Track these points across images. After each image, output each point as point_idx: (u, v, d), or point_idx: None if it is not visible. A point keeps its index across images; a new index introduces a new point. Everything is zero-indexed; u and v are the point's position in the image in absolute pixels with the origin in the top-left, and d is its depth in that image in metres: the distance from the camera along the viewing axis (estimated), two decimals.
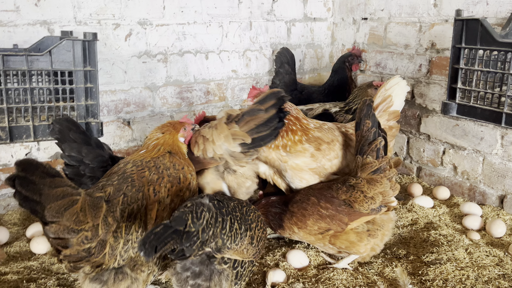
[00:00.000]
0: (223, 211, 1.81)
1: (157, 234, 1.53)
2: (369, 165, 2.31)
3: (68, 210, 1.62)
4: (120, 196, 1.88)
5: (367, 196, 2.27)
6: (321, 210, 2.31)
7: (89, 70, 2.55)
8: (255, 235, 1.94)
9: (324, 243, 2.38)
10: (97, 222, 1.73)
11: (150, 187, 1.98)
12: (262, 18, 4.01)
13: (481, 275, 2.31)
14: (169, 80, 3.68)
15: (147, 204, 1.93)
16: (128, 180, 1.97)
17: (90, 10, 3.22)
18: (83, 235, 1.69)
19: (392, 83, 2.66)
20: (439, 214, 3.08)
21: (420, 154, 3.67)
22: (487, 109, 2.47)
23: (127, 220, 1.85)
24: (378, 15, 3.89)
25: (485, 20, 2.40)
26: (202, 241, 1.67)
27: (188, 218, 1.63)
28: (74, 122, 2.34)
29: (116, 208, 1.84)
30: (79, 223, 1.66)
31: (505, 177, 3.03)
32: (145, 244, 1.50)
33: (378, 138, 2.32)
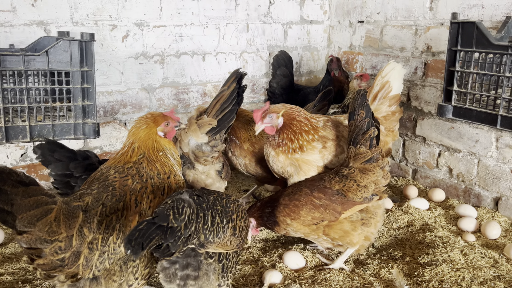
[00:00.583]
0: (203, 206, 1.81)
1: (142, 231, 1.52)
2: (362, 155, 2.33)
3: (41, 220, 1.56)
4: (99, 206, 1.81)
5: (360, 185, 2.30)
6: (314, 200, 2.32)
7: (86, 70, 2.55)
8: (237, 226, 1.94)
9: (318, 235, 2.39)
10: (72, 233, 1.67)
11: (132, 197, 1.90)
12: (259, 20, 4.02)
13: (476, 276, 2.32)
14: (166, 81, 3.68)
15: (127, 215, 1.86)
16: (109, 188, 1.89)
17: (87, 10, 3.21)
18: (56, 246, 1.63)
19: (388, 69, 2.68)
20: (434, 216, 3.09)
21: (415, 156, 3.69)
22: (483, 111, 2.49)
23: (105, 232, 1.78)
24: (374, 18, 3.92)
25: (481, 23, 2.43)
26: (186, 237, 1.67)
27: (170, 213, 1.62)
28: (56, 143, 2.35)
29: (94, 219, 1.77)
30: (52, 234, 1.60)
31: (500, 179, 3.05)
32: (131, 242, 1.49)
33: (371, 128, 2.34)
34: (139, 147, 2.09)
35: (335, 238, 2.39)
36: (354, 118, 2.36)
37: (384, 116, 2.76)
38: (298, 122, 2.46)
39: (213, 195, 1.96)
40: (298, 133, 2.45)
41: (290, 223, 2.39)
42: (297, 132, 2.45)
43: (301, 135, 2.45)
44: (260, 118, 2.41)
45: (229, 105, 2.45)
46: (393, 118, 2.78)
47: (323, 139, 2.52)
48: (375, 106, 2.74)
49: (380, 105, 2.74)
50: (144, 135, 2.12)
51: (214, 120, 2.42)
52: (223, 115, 2.45)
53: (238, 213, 1.98)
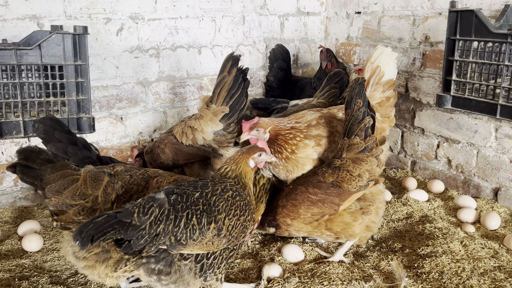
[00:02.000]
0: (178, 207, 1.75)
1: (97, 224, 1.53)
2: (355, 146, 2.32)
3: (68, 189, 1.83)
4: (126, 175, 2.02)
5: (353, 174, 2.29)
6: (311, 196, 2.31)
7: (79, 64, 2.51)
8: (225, 226, 1.85)
9: (321, 231, 2.38)
10: (97, 194, 1.90)
11: (155, 179, 2.08)
12: (255, 12, 3.98)
13: (476, 267, 2.31)
14: (162, 75, 3.64)
15: (149, 189, 2.02)
16: (140, 170, 2.10)
17: (80, 4, 3.17)
18: (80, 207, 1.86)
19: (376, 54, 2.63)
20: (434, 207, 3.08)
21: (414, 148, 3.67)
22: (482, 101, 2.47)
23: (122, 196, 1.96)
24: (372, 8, 3.88)
25: (480, 11, 2.39)
26: (151, 237, 1.65)
27: (135, 211, 1.64)
28: (59, 121, 2.31)
29: (118, 181, 1.97)
30: (80, 197, 1.86)
31: (499, 169, 3.04)
32: (82, 233, 1.49)
33: (366, 117, 2.32)
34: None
35: (338, 231, 2.38)
36: (351, 107, 2.34)
37: (378, 103, 2.71)
38: (283, 136, 2.48)
39: (203, 190, 1.87)
40: (283, 144, 2.47)
41: (291, 223, 2.38)
42: (282, 144, 2.47)
43: (287, 144, 2.47)
44: (248, 129, 2.47)
45: (237, 90, 2.59)
46: (388, 104, 2.73)
47: (316, 138, 2.50)
48: (368, 93, 2.67)
49: (374, 92, 2.68)
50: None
51: (226, 107, 2.59)
52: (234, 101, 2.60)
53: (228, 212, 1.89)
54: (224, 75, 2.60)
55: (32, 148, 1.79)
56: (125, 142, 3.58)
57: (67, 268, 2.40)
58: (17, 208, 3.15)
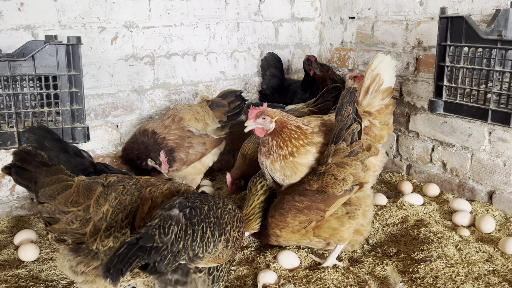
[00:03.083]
0: (194, 221, 1.76)
1: (121, 256, 1.51)
2: (341, 151, 2.34)
3: (61, 194, 1.79)
4: (119, 186, 1.99)
5: (338, 178, 2.30)
6: (297, 204, 2.34)
7: (73, 74, 2.52)
8: (231, 237, 1.90)
9: (309, 238, 2.41)
10: (89, 203, 1.87)
11: (147, 189, 2.07)
12: (250, 19, 4.00)
13: (471, 272, 2.32)
14: (157, 82, 3.65)
15: (142, 200, 2.01)
16: (133, 179, 2.08)
17: (74, 13, 3.18)
18: (73, 215, 1.83)
19: (376, 62, 2.64)
20: (429, 211, 3.09)
21: (409, 151, 3.69)
22: (474, 106, 2.48)
23: (116, 207, 1.93)
24: (365, 14, 3.90)
25: (470, 17, 2.41)
26: (173, 255, 1.65)
27: (155, 233, 1.62)
28: (48, 130, 2.30)
29: (111, 193, 1.94)
30: (74, 205, 1.82)
31: (494, 173, 3.05)
32: (110, 270, 1.48)
33: (354, 123, 2.35)
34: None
35: (327, 237, 2.39)
36: (341, 114, 2.37)
37: (377, 110, 2.72)
38: (288, 130, 2.45)
39: (208, 204, 1.91)
40: (287, 140, 2.44)
41: (280, 234, 2.41)
42: (286, 139, 2.44)
43: (290, 142, 2.44)
44: (254, 117, 2.42)
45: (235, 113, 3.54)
46: (387, 111, 2.74)
47: (318, 145, 2.49)
48: (368, 100, 2.69)
49: (373, 99, 2.69)
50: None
51: (225, 117, 3.47)
52: (230, 115, 3.51)
53: (232, 224, 1.94)
54: (223, 103, 3.48)
55: (28, 150, 1.76)
56: (121, 149, 3.58)
57: (63, 277, 2.41)
58: (13, 218, 3.16)
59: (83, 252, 1.91)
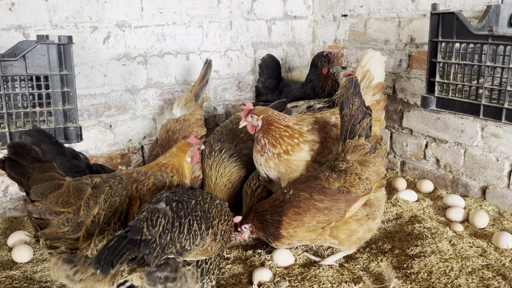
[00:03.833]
0: (180, 214, 1.80)
1: (112, 248, 1.54)
2: (361, 147, 2.25)
3: (53, 193, 1.73)
4: (106, 187, 1.96)
5: (362, 177, 2.22)
6: (317, 204, 2.19)
7: (65, 74, 2.51)
8: (219, 231, 1.92)
9: (324, 238, 2.28)
10: (80, 204, 1.83)
11: (133, 185, 2.06)
12: (242, 17, 3.99)
13: (464, 266, 2.33)
14: (150, 82, 3.64)
15: (130, 200, 2.00)
16: (116, 178, 2.05)
17: (66, 13, 3.17)
18: (64, 218, 1.78)
19: (366, 58, 2.67)
20: (423, 207, 3.10)
21: (403, 148, 3.70)
22: (466, 101, 2.49)
23: (108, 210, 1.91)
24: (358, 11, 3.91)
25: (461, 13, 2.42)
26: (161, 247, 1.68)
27: (143, 226, 1.66)
28: (45, 133, 2.30)
29: (101, 195, 1.91)
30: (64, 205, 1.77)
31: (487, 168, 3.07)
32: (100, 261, 1.50)
33: (366, 116, 2.27)
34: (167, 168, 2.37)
35: (343, 239, 2.29)
36: (349, 108, 2.27)
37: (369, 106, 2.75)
38: (276, 128, 2.47)
39: (196, 199, 1.93)
40: (279, 138, 2.46)
41: (293, 234, 2.24)
42: (277, 137, 2.47)
43: (282, 140, 2.46)
44: (245, 116, 2.53)
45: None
46: (378, 107, 2.76)
47: (310, 143, 2.51)
48: None
49: (364, 96, 2.70)
50: (175, 160, 2.42)
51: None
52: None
53: (220, 217, 1.96)
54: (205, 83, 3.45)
55: (23, 143, 1.71)
56: (114, 149, 3.57)
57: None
58: (7, 219, 3.13)
59: (79, 262, 1.90)
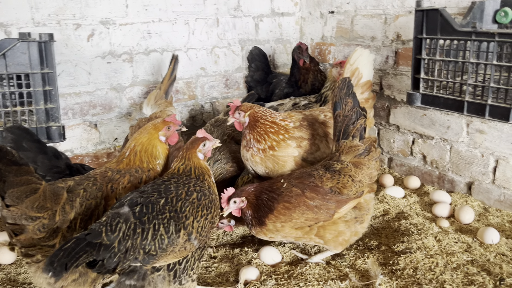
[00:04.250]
0: (144, 219, 1.71)
1: (67, 250, 1.48)
2: (355, 148, 2.24)
3: (29, 198, 1.68)
4: (80, 189, 1.91)
5: (355, 180, 2.21)
6: (308, 201, 2.17)
7: (47, 72, 2.47)
8: (194, 229, 1.83)
9: (310, 237, 2.28)
10: (56, 208, 1.78)
11: (108, 185, 2.01)
12: (229, 14, 3.97)
13: (449, 262, 2.34)
14: (136, 80, 3.60)
15: (106, 201, 1.95)
16: (90, 179, 1.99)
17: (48, 10, 3.11)
18: (40, 223, 1.73)
19: (355, 56, 2.66)
20: (410, 203, 3.11)
21: (390, 145, 3.71)
22: (450, 98, 2.50)
23: (83, 214, 1.87)
24: (345, 8, 3.91)
25: (444, 10, 2.43)
26: (122, 253, 1.62)
27: (102, 230, 1.60)
28: (27, 130, 2.25)
29: (76, 198, 1.87)
30: (40, 210, 1.72)
31: (472, 164, 3.09)
32: (53, 263, 1.44)
33: (361, 117, 2.26)
34: (140, 152, 2.21)
35: (329, 239, 2.29)
36: (341, 108, 2.26)
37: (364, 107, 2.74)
38: (262, 125, 2.48)
39: (167, 196, 1.82)
40: (263, 134, 2.46)
41: (280, 229, 2.23)
42: (262, 133, 2.47)
43: (267, 136, 2.46)
44: (232, 112, 2.54)
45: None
46: (367, 105, 2.75)
47: (298, 139, 2.50)
48: None
49: None
50: (145, 139, 2.24)
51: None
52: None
53: (196, 215, 1.86)
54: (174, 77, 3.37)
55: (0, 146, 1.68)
56: (100, 148, 3.54)
57: None
58: None
59: None
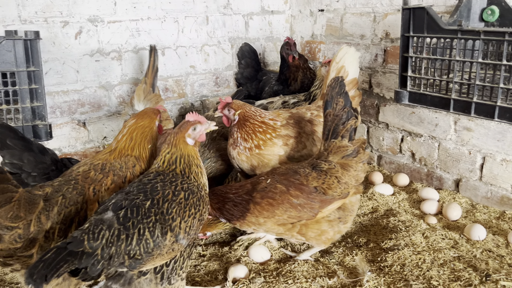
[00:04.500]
0: (128, 225, 1.66)
1: (47, 261, 1.44)
2: (343, 148, 2.23)
3: (4, 207, 1.61)
4: (58, 197, 1.84)
5: (341, 181, 2.19)
6: (292, 199, 2.16)
7: (33, 70, 2.45)
8: (182, 230, 1.79)
9: (292, 234, 2.27)
10: (31, 218, 1.71)
11: (91, 187, 1.95)
12: (219, 12, 3.96)
13: (436, 258, 2.36)
14: (125, 78, 3.58)
15: (88, 204, 1.89)
16: (71, 182, 1.92)
17: (35, 8, 3.08)
18: (16, 233, 1.67)
19: (340, 54, 2.67)
20: (398, 200, 3.13)
21: (380, 142, 3.73)
22: (437, 96, 2.52)
23: (62, 223, 1.80)
24: (334, 6, 3.91)
25: (431, 8, 2.44)
26: (106, 259, 1.59)
27: (84, 238, 1.56)
28: (11, 128, 2.20)
29: (54, 207, 1.80)
30: (14, 220, 1.64)
31: (460, 161, 3.11)
32: (33, 276, 1.40)
33: (351, 118, 2.24)
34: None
35: (311, 237, 2.29)
36: (332, 107, 2.23)
37: (356, 108, 2.76)
38: (251, 124, 2.49)
39: (153, 197, 1.77)
40: (251, 133, 2.48)
41: (262, 223, 2.22)
42: (250, 132, 2.48)
43: (255, 135, 2.47)
44: (221, 107, 2.56)
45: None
46: (353, 103, 2.76)
47: (284, 137, 2.52)
48: None
49: None
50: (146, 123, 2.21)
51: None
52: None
53: (183, 215, 1.81)
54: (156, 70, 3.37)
55: None
56: (89, 147, 3.51)
57: None
58: None
59: None
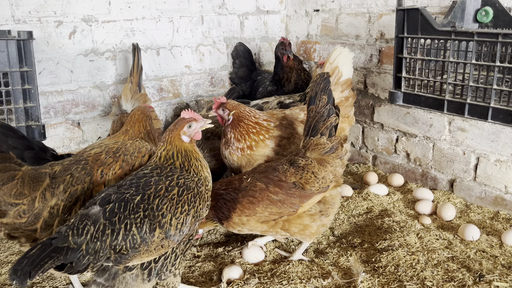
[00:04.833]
0: (114, 220, 1.67)
1: (32, 257, 1.46)
2: (321, 146, 2.26)
3: (7, 185, 1.69)
4: (66, 175, 1.90)
5: (318, 176, 2.23)
6: (271, 196, 2.20)
7: (26, 70, 2.43)
8: (172, 226, 1.77)
9: (276, 231, 2.30)
10: (35, 195, 1.79)
11: (99, 170, 1.99)
12: (214, 12, 3.95)
13: (430, 259, 2.37)
14: (119, 78, 3.57)
15: (94, 186, 1.93)
16: (81, 162, 1.98)
17: (29, 7, 3.06)
18: (20, 209, 1.75)
19: (334, 54, 2.67)
20: (393, 201, 3.14)
21: (375, 143, 3.73)
22: (431, 96, 2.53)
23: (67, 200, 1.86)
24: (329, 6, 3.91)
25: (425, 9, 2.44)
26: (92, 254, 1.61)
27: (69, 234, 1.59)
28: (11, 127, 2.18)
29: (60, 185, 1.86)
30: (18, 197, 1.73)
31: (454, 161, 3.12)
32: (17, 272, 1.42)
33: (332, 115, 2.26)
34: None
35: (295, 232, 2.34)
36: (315, 104, 2.26)
37: (337, 103, 2.73)
38: (246, 125, 2.51)
39: (144, 192, 1.76)
40: (245, 134, 2.50)
41: (246, 222, 2.26)
42: (244, 133, 2.50)
43: (248, 136, 2.50)
44: (216, 107, 2.58)
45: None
46: (347, 104, 2.77)
47: (277, 138, 2.53)
48: None
49: (333, 91, 2.72)
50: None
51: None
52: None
53: (175, 212, 1.79)
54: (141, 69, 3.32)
55: None
56: (83, 147, 3.49)
57: None
58: None
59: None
